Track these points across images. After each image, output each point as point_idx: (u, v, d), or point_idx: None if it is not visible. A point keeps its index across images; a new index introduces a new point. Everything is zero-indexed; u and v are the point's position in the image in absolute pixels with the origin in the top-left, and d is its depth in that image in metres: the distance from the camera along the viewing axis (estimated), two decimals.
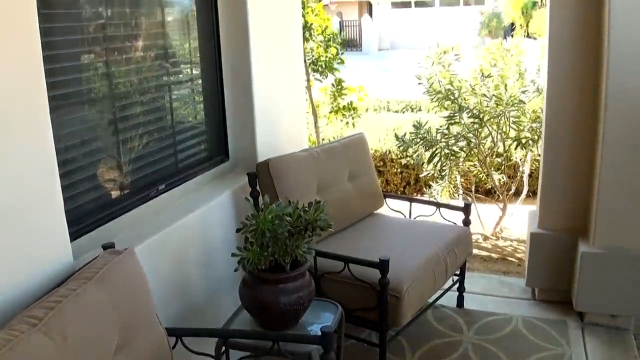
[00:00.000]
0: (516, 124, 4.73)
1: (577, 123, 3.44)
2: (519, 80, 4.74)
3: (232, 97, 3.46)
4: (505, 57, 4.83)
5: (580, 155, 3.47)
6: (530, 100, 4.74)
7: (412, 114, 9.36)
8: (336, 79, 6.33)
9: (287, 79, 3.94)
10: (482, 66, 4.91)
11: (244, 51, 3.37)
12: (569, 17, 3.33)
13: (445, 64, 4.84)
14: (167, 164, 3.02)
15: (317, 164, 3.44)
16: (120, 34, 2.65)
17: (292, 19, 4.02)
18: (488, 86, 4.74)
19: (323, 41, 6.25)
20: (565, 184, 3.57)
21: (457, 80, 4.83)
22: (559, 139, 3.53)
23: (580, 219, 3.52)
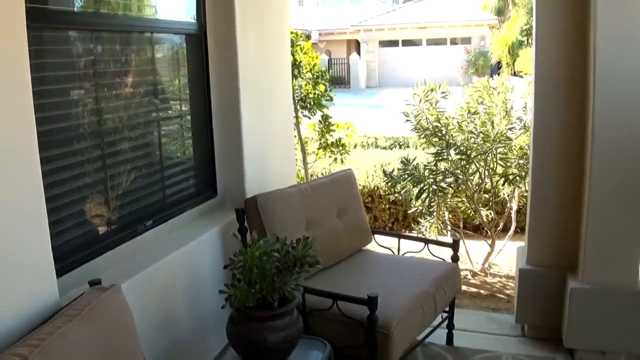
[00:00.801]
0: (503, 161, 4.77)
1: (564, 159, 3.48)
2: (505, 118, 4.80)
3: (221, 133, 3.47)
4: (492, 95, 4.90)
5: (568, 191, 3.50)
6: (517, 137, 4.80)
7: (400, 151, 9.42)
8: (324, 116, 6.38)
9: (276, 115, 3.97)
10: (469, 104, 4.98)
11: (233, 88, 3.40)
12: (555, 56, 3.40)
13: (433, 101, 4.90)
14: (155, 199, 3.01)
15: (305, 200, 3.44)
16: (110, 70, 2.67)
17: (281, 56, 4.08)
18: (475, 123, 4.80)
19: (312, 78, 6.32)
20: (554, 219, 3.59)
21: (445, 118, 4.89)
22: (546, 175, 3.56)
23: (569, 254, 3.53)
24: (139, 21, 2.89)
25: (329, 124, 6.40)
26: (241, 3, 3.36)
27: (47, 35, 2.28)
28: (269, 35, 3.87)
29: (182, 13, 3.33)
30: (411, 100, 4.94)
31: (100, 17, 2.58)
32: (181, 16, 3.31)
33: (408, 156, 5.02)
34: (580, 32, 3.26)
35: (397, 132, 10.85)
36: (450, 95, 4.97)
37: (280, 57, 4.07)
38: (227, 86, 3.42)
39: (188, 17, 3.33)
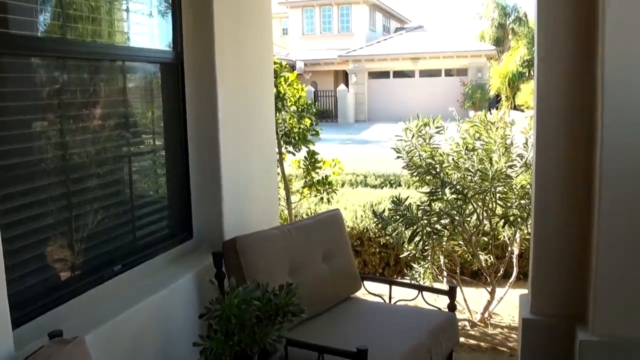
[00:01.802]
0: (503, 201, 4.79)
1: (569, 199, 3.49)
2: (505, 155, 4.83)
3: (198, 170, 3.46)
4: (490, 130, 4.94)
5: (574, 234, 3.49)
6: (518, 176, 4.82)
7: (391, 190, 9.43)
8: (310, 152, 6.40)
9: (257, 150, 3.97)
10: (466, 139, 5.01)
11: (212, 121, 3.41)
12: (558, 88, 3.43)
13: (426, 136, 4.92)
14: (125, 242, 2.98)
15: (289, 242, 3.42)
16: (77, 100, 2.67)
17: (264, 88, 4.10)
18: (472, 160, 4.83)
19: (296, 112, 6.35)
20: (559, 265, 3.58)
21: (439, 154, 4.91)
22: (550, 217, 3.57)
23: (577, 303, 3.51)
24: (109, 49, 2.90)
25: (315, 161, 6.41)
26: (221, 30, 3.39)
27: (7, 62, 2.28)
28: (251, 65, 3.90)
29: (157, 40, 3.35)
30: (403, 136, 4.96)
31: (67, 43, 2.58)
32: (156, 44, 3.34)
33: (400, 195, 5.03)
34: (585, 63, 3.30)
35: (388, 169, 10.88)
36: (445, 130, 5.00)
37: (263, 89, 4.10)
38: (205, 119, 3.42)
39: (163, 45, 3.35)
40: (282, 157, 6.31)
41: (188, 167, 3.45)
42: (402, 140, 4.98)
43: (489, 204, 4.84)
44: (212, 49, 3.35)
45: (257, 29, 4.02)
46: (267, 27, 4.20)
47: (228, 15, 3.50)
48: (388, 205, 5.06)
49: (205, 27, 3.35)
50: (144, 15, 3.23)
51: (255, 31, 3.98)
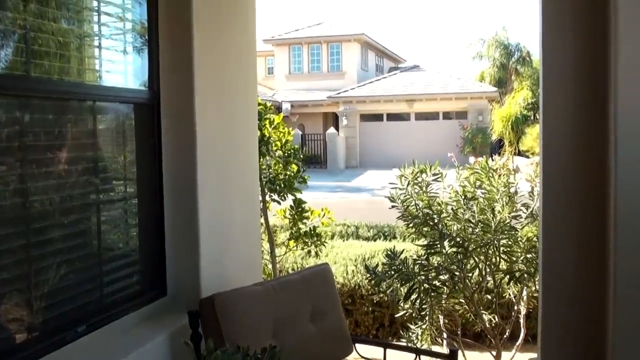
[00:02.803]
0: (507, 255, 4.78)
1: (581, 253, 3.47)
2: (508, 204, 4.85)
3: (173, 220, 3.44)
4: (492, 178, 4.96)
5: (588, 292, 3.46)
6: (524, 227, 4.82)
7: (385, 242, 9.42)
8: (296, 200, 6.39)
9: (239, 199, 3.96)
10: (466, 188, 5.03)
11: (190, 167, 3.40)
12: (566, 135, 3.45)
13: (423, 184, 4.94)
14: (91, 299, 2.93)
15: (273, 300, 3.38)
16: (41, 143, 2.66)
17: (247, 131, 4.11)
18: (473, 210, 4.83)
19: (282, 157, 6.37)
20: (571, 325, 3.55)
21: (437, 204, 4.92)
22: (560, 272, 3.55)
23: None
24: (78, 87, 2.90)
25: (302, 210, 6.40)
26: (201, 69, 3.41)
27: None
28: (233, 106, 3.91)
29: (131, 79, 3.36)
30: (398, 183, 4.97)
31: (31, 81, 2.58)
32: (130, 83, 3.35)
33: (395, 249, 5.01)
34: (595, 108, 3.33)
35: (381, 220, 10.89)
36: (444, 177, 5.02)
37: (246, 132, 4.11)
38: (182, 164, 3.41)
39: (138, 83, 3.36)
40: (267, 206, 6.29)
41: (162, 217, 3.42)
42: (396, 188, 4.99)
43: (492, 258, 4.82)
44: (192, 88, 3.36)
45: (241, 68, 4.05)
46: (252, 66, 4.23)
47: (209, 53, 3.52)
48: (382, 259, 5.04)
49: (184, 65, 3.36)
50: (118, 52, 3.25)
51: (238, 70, 4.01)
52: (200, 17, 3.39)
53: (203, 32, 3.44)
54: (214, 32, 3.65)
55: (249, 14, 4.15)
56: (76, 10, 2.93)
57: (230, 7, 3.92)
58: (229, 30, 3.88)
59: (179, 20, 3.36)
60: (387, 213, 5.32)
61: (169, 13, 3.36)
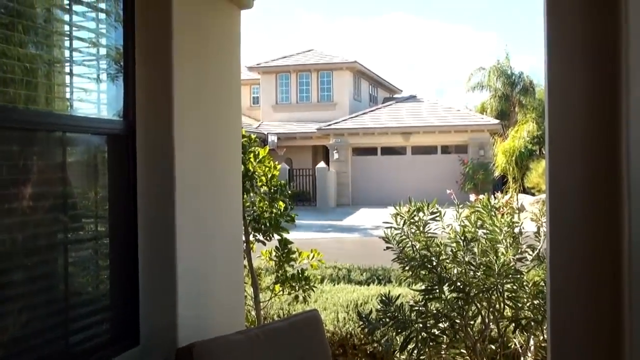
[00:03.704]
0: (512, 301, 4.76)
1: (593, 298, 3.46)
2: (513, 246, 4.84)
3: (149, 262, 3.41)
4: (494, 217, 4.97)
5: (601, 343, 3.45)
6: (529, 271, 4.81)
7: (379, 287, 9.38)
8: (283, 241, 6.37)
9: (221, 239, 3.94)
10: (467, 227, 5.03)
11: (167, 204, 3.38)
12: (575, 169, 3.44)
13: (420, 224, 4.93)
14: (54, 349, 2.89)
15: (257, 350, 3.35)
16: (3, 177, 2.64)
17: (230, 165, 4.11)
18: (474, 252, 4.82)
19: (268, 193, 6.36)
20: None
21: (435, 245, 4.91)
22: (570, 320, 3.53)
23: None
24: (46, 117, 2.90)
25: (289, 252, 6.37)
26: (181, 98, 3.42)
27: None
28: (215, 138, 3.91)
29: (104, 108, 3.37)
30: (393, 223, 4.96)
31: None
32: (103, 112, 3.35)
33: (390, 294, 4.98)
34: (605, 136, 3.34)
35: (375, 262, 10.86)
36: (442, 216, 5.02)
37: (229, 166, 4.10)
38: (159, 201, 3.40)
39: (112, 113, 3.36)
40: (251, 247, 6.26)
41: (136, 258, 3.39)
42: (391, 227, 4.98)
43: (496, 305, 4.80)
44: (170, 118, 3.36)
45: (224, 97, 4.06)
46: (235, 95, 4.25)
47: (190, 81, 3.54)
48: (376, 305, 5.01)
49: (163, 93, 3.37)
50: (90, 80, 3.26)
51: (221, 99, 4.02)
52: (180, 42, 3.41)
53: (184, 59, 3.45)
54: (196, 58, 3.66)
55: (234, 39, 4.18)
56: (45, 35, 2.94)
57: (214, 32, 3.95)
58: (212, 56, 3.90)
59: (157, 46, 3.37)
60: (381, 255, 5.31)
61: (147, 38, 3.37)
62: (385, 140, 31.56)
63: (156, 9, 3.38)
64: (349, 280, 10.56)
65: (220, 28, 4.03)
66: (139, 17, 3.35)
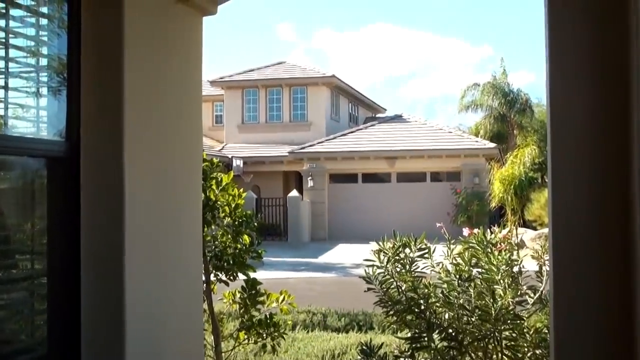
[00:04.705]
0: (512, 350, 4.76)
1: (603, 347, 3.47)
2: (512, 287, 4.85)
3: (93, 305, 3.37)
4: (491, 254, 4.98)
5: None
6: (531, 315, 4.82)
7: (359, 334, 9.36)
8: (249, 281, 6.34)
9: (177, 279, 3.91)
10: (460, 266, 5.03)
11: (116, 238, 3.35)
12: (581, 200, 3.47)
13: (406, 261, 4.93)
14: None
15: None
16: None
17: (188, 193, 4.09)
18: (468, 294, 4.82)
19: (231, 226, 6.34)
20: None
21: (424, 286, 4.91)
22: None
23: None
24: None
25: (256, 293, 6.34)
26: (133, 117, 3.40)
27: None
28: (172, 162, 3.90)
29: (44, 128, 3.34)
30: (375, 260, 4.96)
31: None
32: (43, 132, 3.32)
33: (371, 342, 4.96)
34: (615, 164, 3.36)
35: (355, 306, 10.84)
36: (432, 253, 5.02)
37: (187, 194, 4.08)
38: (105, 234, 3.37)
39: (53, 133, 3.34)
40: (211, 288, 6.23)
41: (79, 300, 3.35)
42: (374, 266, 4.97)
43: (493, 355, 4.80)
44: (121, 139, 3.34)
45: (182, 115, 4.05)
46: (196, 113, 4.24)
47: (143, 96, 3.53)
48: (356, 356, 4.98)
49: (113, 110, 3.35)
50: (28, 94, 3.24)
51: (179, 117, 4.00)
52: (133, 52, 3.40)
53: (137, 71, 3.44)
54: (151, 70, 3.65)
55: (194, 50, 4.18)
56: None
57: (172, 41, 3.94)
58: (170, 68, 3.90)
59: (107, 56, 3.37)
60: (362, 297, 5.30)
61: (95, 47, 3.36)
62: (367, 165, 31.61)
63: (105, 14, 3.37)
64: (325, 327, 10.53)
65: (179, 36, 4.03)
66: (86, 23, 3.35)
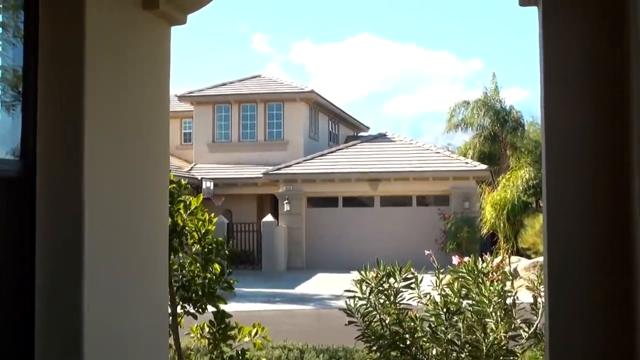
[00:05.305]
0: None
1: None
2: (505, 320, 4.86)
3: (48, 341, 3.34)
4: (482, 284, 4.99)
5: None
6: (525, 351, 4.83)
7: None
8: (219, 313, 6.32)
9: (141, 311, 3.88)
10: (448, 297, 5.04)
11: (74, 267, 3.33)
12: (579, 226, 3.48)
13: (391, 292, 4.93)
14: None
15: None
16: None
17: (154, 218, 4.07)
18: (457, 328, 4.83)
19: (201, 254, 6.32)
20: None
21: (410, 319, 4.91)
22: None
23: None
24: None
25: (227, 327, 6.32)
26: (94, 134, 3.38)
27: None
28: (136, 183, 3.88)
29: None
30: (357, 291, 4.96)
31: None
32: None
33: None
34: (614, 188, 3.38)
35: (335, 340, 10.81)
36: (419, 283, 5.03)
37: (153, 219, 4.07)
38: (63, 262, 3.35)
39: (6, 152, 3.32)
40: (178, 322, 6.20)
41: (32, 337, 3.33)
42: (355, 297, 4.97)
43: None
44: (80, 158, 3.33)
45: (149, 132, 4.03)
46: (163, 131, 4.22)
47: (106, 111, 3.51)
48: None
49: (72, 126, 3.34)
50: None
51: (145, 135, 3.99)
52: (95, 63, 3.39)
53: (99, 84, 3.43)
54: (114, 83, 3.65)
55: (162, 62, 4.17)
56: None
57: (138, 52, 3.93)
58: (135, 81, 3.89)
59: (66, 68, 3.35)
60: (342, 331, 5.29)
61: (53, 58, 3.35)
62: (348, 188, 31.60)
63: (65, 23, 3.37)
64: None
65: (146, 47, 4.02)
66: (44, 32, 3.34)
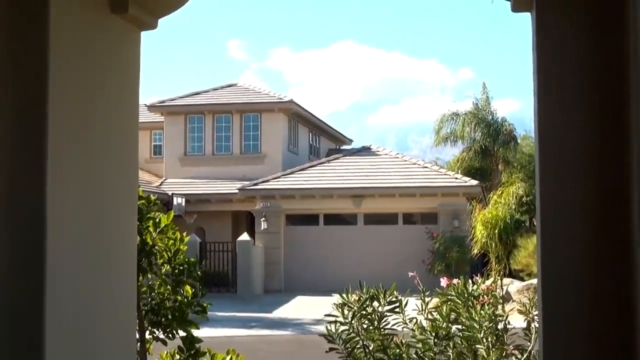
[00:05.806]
0: None
1: None
2: (496, 346, 4.87)
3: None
4: (472, 308, 4.99)
5: None
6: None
7: None
8: (189, 339, 6.30)
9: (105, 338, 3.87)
10: (436, 322, 5.04)
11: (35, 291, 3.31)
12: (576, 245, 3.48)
13: (374, 317, 4.93)
14: None
15: None
16: None
17: (120, 236, 4.06)
18: (447, 355, 4.83)
19: (171, 275, 6.30)
20: None
21: (395, 345, 4.91)
22: None
23: None
24: None
25: (198, 354, 6.30)
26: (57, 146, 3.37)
27: None
28: (102, 199, 3.87)
29: None
30: (339, 315, 4.96)
31: None
32: None
33: None
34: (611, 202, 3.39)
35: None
36: (404, 307, 5.03)
37: (119, 238, 4.06)
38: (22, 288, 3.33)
39: None
40: (147, 348, 6.17)
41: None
42: (337, 322, 4.97)
43: None
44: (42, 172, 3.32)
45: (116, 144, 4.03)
46: (131, 143, 4.21)
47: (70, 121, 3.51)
48: None
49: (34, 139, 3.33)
50: None
51: (111, 147, 3.98)
52: (59, 70, 3.38)
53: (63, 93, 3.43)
54: (79, 92, 3.64)
55: (131, 69, 4.17)
56: None
57: (105, 58, 3.93)
58: (101, 90, 3.88)
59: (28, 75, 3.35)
60: (323, 358, 5.28)
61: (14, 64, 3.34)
62: (330, 205, 31.58)
63: (28, 26, 3.36)
64: None
65: (114, 53, 4.02)
66: (3, 35, 3.33)
